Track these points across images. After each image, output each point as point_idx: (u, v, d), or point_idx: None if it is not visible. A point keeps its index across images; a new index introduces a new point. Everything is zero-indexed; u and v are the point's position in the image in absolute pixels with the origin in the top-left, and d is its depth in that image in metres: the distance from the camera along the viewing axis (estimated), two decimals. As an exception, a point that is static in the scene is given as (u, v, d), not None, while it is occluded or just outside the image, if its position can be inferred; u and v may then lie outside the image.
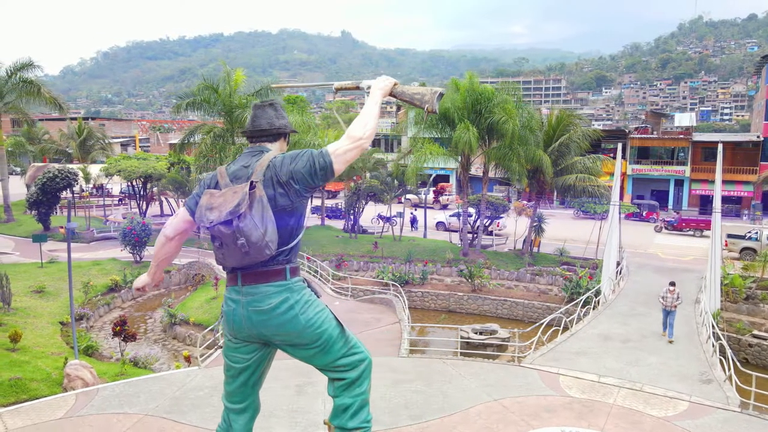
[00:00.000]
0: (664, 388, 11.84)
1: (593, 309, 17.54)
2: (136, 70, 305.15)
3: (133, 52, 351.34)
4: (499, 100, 24.33)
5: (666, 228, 35.29)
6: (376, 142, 51.89)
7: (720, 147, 18.39)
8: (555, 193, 36.15)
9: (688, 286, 20.95)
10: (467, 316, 22.11)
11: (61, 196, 31.47)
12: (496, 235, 32.07)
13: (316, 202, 37.50)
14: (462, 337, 16.79)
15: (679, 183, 44.96)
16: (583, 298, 17.41)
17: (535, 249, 27.68)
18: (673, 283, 15.04)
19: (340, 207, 36.64)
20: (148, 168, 30.16)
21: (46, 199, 29.56)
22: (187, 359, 14.61)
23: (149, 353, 16.15)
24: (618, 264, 21.97)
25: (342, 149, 2.99)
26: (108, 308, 20.38)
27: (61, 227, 30.83)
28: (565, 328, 16.02)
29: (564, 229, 32.39)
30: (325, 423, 8.22)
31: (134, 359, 15.01)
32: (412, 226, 34.57)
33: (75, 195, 36.68)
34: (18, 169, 50.78)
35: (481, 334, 17.36)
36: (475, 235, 27.76)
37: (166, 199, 34.11)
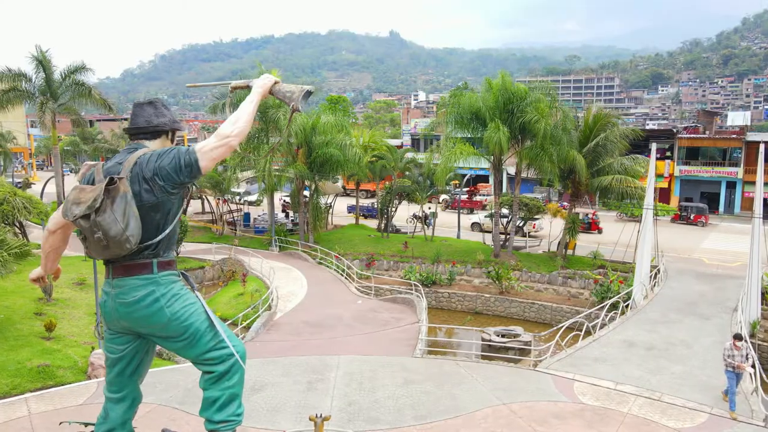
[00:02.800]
0: (685, 398, 11.36)
1: (621, 314, 16.97)
2: (191, 72, 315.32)
3: (188, 55, 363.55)
4: (532, 100, 23.87)
5: None
6: (414, 142, 51.76)
7: (762, 147, 17.44)
8: (597, 195, 35.16)
9: (729, 293, 19.97)
10: (493, 318, 21.81)
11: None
12: (531, 236, 31.45)
13: (351, 201, 37.81)
14: (484, 340, 16.56)
15: (731, 185, 42.77)
16: (609, 302, 16.86)
17: (569, 251, 27.00)
18: (739, 336, 11.52)
19: (375, 207, 36.79)
20: (188, 167, 31.11)
21: (92, 196, 30.91)
22: (208, 352, 15.03)
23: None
24: (655, 268, 21.18)
25: (208, 147, 3.02)
26: (143, 301, 21.17)
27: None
28: (589, 334, 15.57)
29: (604, 231, 31.47)
30: (311, 419, 8.29)
31: (159, 351, 15.55)
32: (424, 223, 34.43)
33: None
34: (74, 167, 53.49)
35: (503, 336, 17.06)
36: (508, 237, 27.30)
37: (205, 197, 35.16)
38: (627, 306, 17.67)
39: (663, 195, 42.40)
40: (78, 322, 17.43)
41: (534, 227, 31.98)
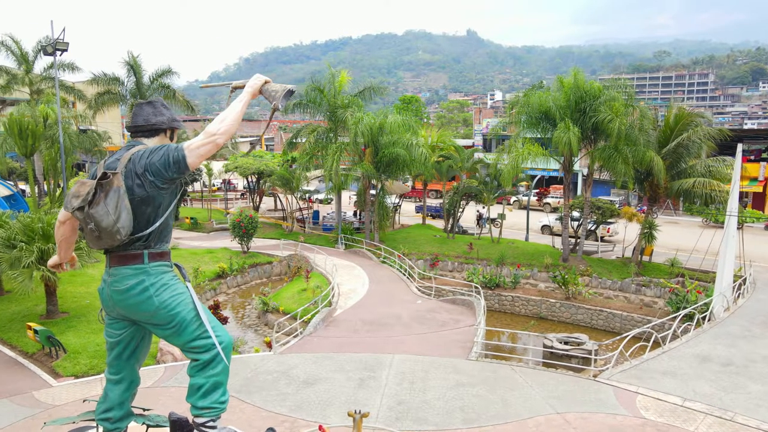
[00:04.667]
0: (760, 419, 10.50)
1: (696, 326, 15.87)
2: (272, 74, 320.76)
3: (270, 57, 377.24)
4: (606, 98, 22.83)
5: None
6: (486, 142, 50.95)
7: None
8: (681, 199, 33.10)
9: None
10: (558, 324, 21.05)
11: (189, 189, 34.74)
12: (605, 241, 30.09)
13: (420, 201, 37.77)
14: (545, 346, 16.04)
15: (839, 190, 38.84)
16: (682, 313, 15.82)
17: (645, 258, 25.58)
18: None
19: (442, 207, 36.59)
20: (261, 165, 32.41)
21: (175, 191, 32.85)
22: (269, 345, 15.55)
23: (239, 336, 17.44)
24: (741, 279, 19.65)
25: (195, 144, 3.14)
26: (214, 293, 22.25)
27: (187, 218, 34.21)
28: (658, 345, 14.68)
29: (685, 238, 29.55)
30: (349, 414, 8.38)
31: (224, 341, 16.26)
32: (477, 223, 33.72)
33: (204, 189, 40.45)
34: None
35: (566, 344, 16.44)
36: (578, 240, 26.27)
37: (277, 194, 36.38)
38: (704, 318, 16.50)
39: (758, 200, 39.23)
40: (153, 310, 18.61)
41: (608, 231, 30.59)
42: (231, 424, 10.00)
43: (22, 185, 40.64)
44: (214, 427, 3.41)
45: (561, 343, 16.23)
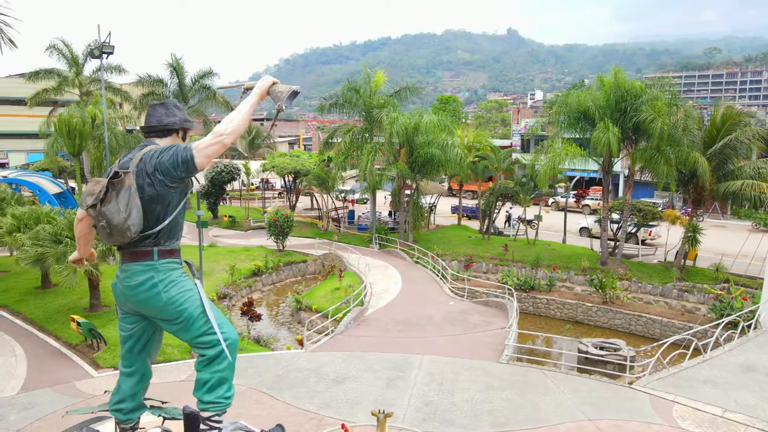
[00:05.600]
0: (806, 434, 10.00)
1: (741, 334, 15.24)
2: (312, 74, 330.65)
3: (310, 58, 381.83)
4: (648, 97, 22.16)
5: None
6: (525, 143, 50.19)
7: None
8: (729, 203, 31.85)
9: None
10: (595, 329, 20.56)
11: (227, 188, 35.52)
12: (646, 244, 29.22)
13: (455, 201, 37.54)
14: (580, 351, 15.71)
15: None
16: (726, 320, 15.21)
17: (689, 262, 24.72)
18: None
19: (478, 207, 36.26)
20: (297, 164, 32.85)
21: (214, 190, 33.75)
22: (300, 342, 15.74)
23: (272, 333, 17.72)
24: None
25: (203, 144, 3.22)
26: (249, 290, 22.67)
27: (226, 216, 34.97)
28: (698, 353, 14.16)
29: (732, 243, 28.42)
30: (373, 414, 8.40)
31: (257, 338, 16.58)
32: (506, 224, 33.07)
33: (242, 188, 41.25)
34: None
35: (602, 349, 16.06)
36: (618, 243, 25.59)
37: (313, 194, 36.79)
38: (749, 326, 15.82)
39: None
40: (191, 305, 19.09)
41: (650, 234, 29.70)
42: (260, 420, 10.20)
43: (72, 183, 42.35)
44: (219, 422, 3.48)
45: (596, 348, 15.86)
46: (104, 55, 20.22)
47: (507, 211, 33.92)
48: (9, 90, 54.10)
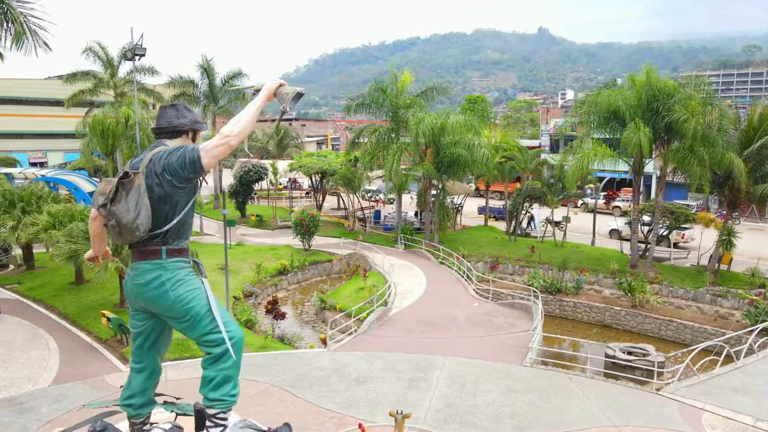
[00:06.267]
0: (844, 447, 9.62)
1: (776, 342, 14.75)
2: (341, 74, 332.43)
3: (339, 59, 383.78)
4: (681, 96, 21.61)
5: None
6: (554, 143, 49.49)
7: None
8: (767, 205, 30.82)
9: None
10: (623, 333, 20.13)
11: (255, 187, 35.95)
12: (678, 247, 28.48)
13: (482, 202, 37.24)
14: (607, 356, 15.41)
15: None
16: (761, 326, 14.72)
17: (723, 266, 23.98)
18: None
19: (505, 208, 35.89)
20: (324, 164, 33.08)
21: (242, 189, 34.22)
22: (324, 342, 15.84)
23: (296, 332, 17.87)
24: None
25: (210, 145, 3.27)
26: (275, 289, 22.92)
27: (253, 215, 35.43)
28: (731, 360, 13.75)
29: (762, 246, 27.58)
30: (391, 414, 8.39)
31: (281, 336, 16.75)
32: (528, 225, 32.66)
33: (270, 187, 41.70)
34: (228, 163, 59.52)
35: (629, 354, 15.72)
36: (648, 246, 25.01)
37: (339, 193, 36.97)
38: (786, 333, 15.31)
39: None
40: (218, 302, 19.40)
41: (682, 237, 28.93)
42: (282, 418, 10.30)
43: (106, 182, 43.38)
44: (224, 419, 3.53)
45: (624, 353, 15.53)
46: (136, 57, 20.71)
47: (528, 212, 33.50)
48: (48, 91, 55.99)
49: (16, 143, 60.72)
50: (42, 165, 55.65)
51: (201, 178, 3.52)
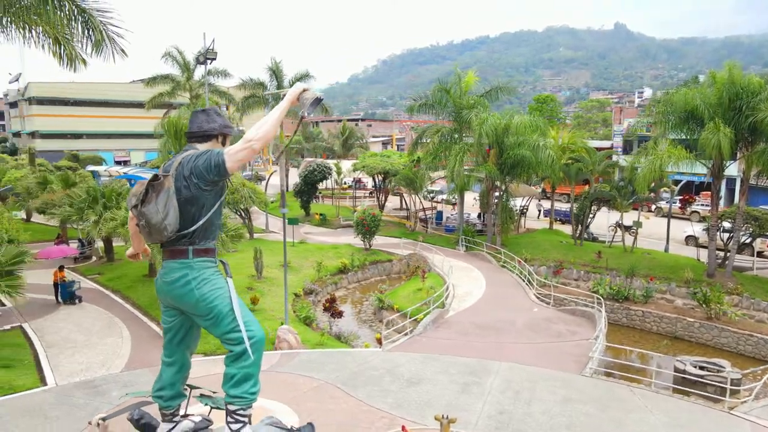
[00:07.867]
0: None
1: None
2: (409, 75, 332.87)
3: (407, 59, 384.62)
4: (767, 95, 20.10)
5: None
6: (627, 144, 47.30)
7: None
8: None
9: None
10: (697, 346, 18.96)
11: (320, 186, 36.68)
12: (763, 256, 26.49)
13: (546, 204, 36.20)
14: (677, 370, 14.62)
15: None
16: None
17: (814, 279, 22.11)
18: None
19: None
20: (387, 165, 33.28)
21: (307, 188, 35.01)
22: (379, 341, 15.94)
23: (353, 331, 18.08)
24: None
25: (234, 150, 3.35)
26: (335, 287, 23.30)
27: (317, 214, 36.17)
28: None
29: None
30: (436, 419, 8.35)
31: (338, 334, 17.00)
32: (582, 227, 31.08)
33: (334, 186, 42.44)
34: (295, 162, 61.11)
35: (702, 369, 14.82)
36: (728, 254, 23.42)
37: (401, 193, 37.05)
38: None
39: None
40: (279, 299, 19.90)
41: (767, 245, 26.90)
42: (333, 415, 10.48)
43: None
44: (245, 416, 3.62)
45: (696, 367, 14.66)
46: (208, 61, 21.66)
47: (582, 210, 32.02)
48: (131, 94, 59.75)
49: (103, 143, 65.27)
50: (125, 163, 59.42)
51: (227, 180, 3.63)
